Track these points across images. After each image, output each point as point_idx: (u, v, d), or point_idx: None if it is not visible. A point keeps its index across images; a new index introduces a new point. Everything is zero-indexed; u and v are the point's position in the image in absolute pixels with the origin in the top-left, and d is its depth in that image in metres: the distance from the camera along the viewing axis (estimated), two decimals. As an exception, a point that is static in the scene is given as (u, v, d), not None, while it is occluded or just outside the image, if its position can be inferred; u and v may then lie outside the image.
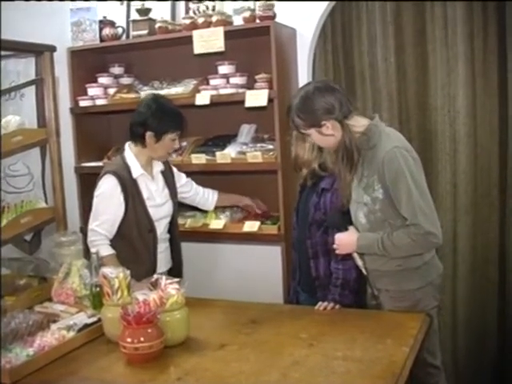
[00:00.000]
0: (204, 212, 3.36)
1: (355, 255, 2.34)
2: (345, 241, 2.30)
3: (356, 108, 2.32)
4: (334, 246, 2.34)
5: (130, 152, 2.79)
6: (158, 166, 2.87)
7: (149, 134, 2.71)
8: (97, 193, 2.75)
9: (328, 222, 2.44)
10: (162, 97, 2.90)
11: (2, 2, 3.20)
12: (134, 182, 2.75)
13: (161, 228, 2.85)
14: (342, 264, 2.43)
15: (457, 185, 3.25)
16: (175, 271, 2.91)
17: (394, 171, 2.14)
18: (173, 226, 2.94)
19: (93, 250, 2.63)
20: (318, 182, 2.53)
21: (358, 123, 2.25)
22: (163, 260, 2.88)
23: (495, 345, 3.32)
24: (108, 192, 2.71)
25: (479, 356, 3.34)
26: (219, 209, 3.37)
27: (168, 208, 2.88)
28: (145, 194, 2.77)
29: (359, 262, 2.34)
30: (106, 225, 2.71)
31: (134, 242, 2.76)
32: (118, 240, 2.74)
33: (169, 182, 2.92)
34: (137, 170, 2.76)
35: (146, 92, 3.32)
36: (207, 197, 3.17)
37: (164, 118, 2.71)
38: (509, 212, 3.21)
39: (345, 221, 2.34)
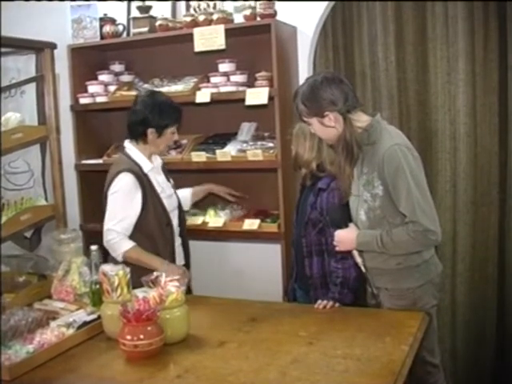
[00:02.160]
0: (203, 210, 3.35)
1: (355, 252, 2.34)
2: (345, 238, 2.31)
3: (361, 104, 2.33)
4: (334, 243, 2.34)
5: (134, 149, 2.76)
6: (159, 159, 2.88)
7: (150, 131, 2.70)
8: (112, 191, 2.68)
9: (328, 218, 2.45)
10: (156, 92, 2.89)
11: (2, 1, 3.20)
12: (147, 177, 2.72)
13: (175, 220, 2.83)
14: (341, 263, 2.43)
15: (456, 184, 3.25)
16: (185, 265, 2.89)
17: (393, 168, 2.15)
18: (181, 221, 2.91)
19: (113, 253, 2.63)
20: (316, 182, 2.55)
21: (361, 119, 2.26)
22: (180, 254, 2.87)
23: (494, 344, 3.32)
24: (126, 189, 2.66)
25: (478, 355, 3.34)
26: (219, 206, 3.38)
27: (175, 199, 2.88)
28: (157, 188, 2.75)
29: (358, 260, 2.34)
30: (124, 223, 2.65)
31: (154, 237, 2.72)
32: (139, 236, 2.69)
33: (166, 175, 2.92)
34: (147, 165, 2.74)
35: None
36: (185, 196, 3.11)
37: (163, 112, 2.70)
38: (508, 211, 3.21)
39: (345, 218, 2.35)
